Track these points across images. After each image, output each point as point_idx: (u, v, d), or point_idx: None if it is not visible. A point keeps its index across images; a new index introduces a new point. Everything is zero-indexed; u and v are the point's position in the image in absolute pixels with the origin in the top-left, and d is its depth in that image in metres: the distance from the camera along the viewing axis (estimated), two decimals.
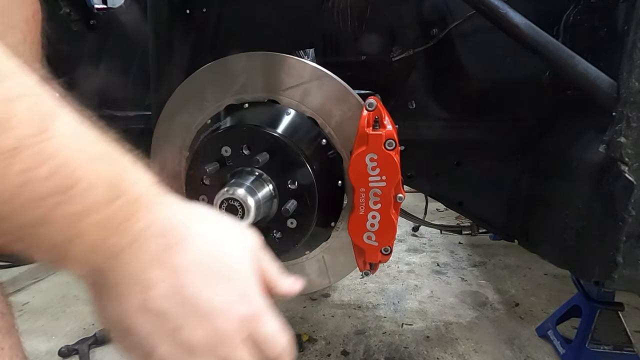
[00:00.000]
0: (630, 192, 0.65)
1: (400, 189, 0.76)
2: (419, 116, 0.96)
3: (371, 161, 0.72)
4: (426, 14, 0.89)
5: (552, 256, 0.87)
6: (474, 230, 1.40)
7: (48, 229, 0.27)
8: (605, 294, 1.29)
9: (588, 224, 0.74)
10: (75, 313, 1.82)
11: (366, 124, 0.72)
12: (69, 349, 1.48)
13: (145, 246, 0.31)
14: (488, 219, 1.03)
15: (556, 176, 0.84)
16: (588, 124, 0.78)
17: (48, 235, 0.27)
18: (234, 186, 0.64)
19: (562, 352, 1.35)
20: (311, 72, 0.77)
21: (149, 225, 0.31)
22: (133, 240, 0.30)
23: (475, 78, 0.92)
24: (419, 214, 1.45)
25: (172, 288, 0.31)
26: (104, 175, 0.28)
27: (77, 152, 0.27)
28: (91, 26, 1.07)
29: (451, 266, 2.17)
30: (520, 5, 0.71)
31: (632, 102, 0.64)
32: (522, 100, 0.91)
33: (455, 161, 0.99)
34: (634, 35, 0.64)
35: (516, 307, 1.72)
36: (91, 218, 0.28)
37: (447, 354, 1.42)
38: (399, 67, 0.92)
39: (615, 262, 0.68)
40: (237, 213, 0.63)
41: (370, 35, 0.91)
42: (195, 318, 0.32)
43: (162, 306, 0.31)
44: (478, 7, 0.72)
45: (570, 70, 0.68)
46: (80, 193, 0.27)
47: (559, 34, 0.81)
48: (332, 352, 1.45)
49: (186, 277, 0.32)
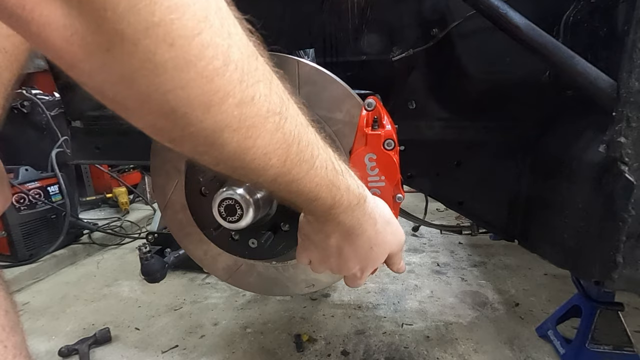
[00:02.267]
0: (630, 192, 0.65)
1: (399, 189, 0.75)
2: (419, 116, 0.96)
3: (370, 161, 0.72)
4: (426, 14, 0.89)
5: (552, 256, 0.87)
6: (474, 230, 1.40)
7: (300, 204, 0.50)
8: (605, 294, 1.29)
9: (588, 224, 0.74)
10: (75, 313, 1.82)
11: (365, 124, 0.72)
12: (69, 349, 1.49)
13: (337, 229, 0.56)
14: (488, 219, 1.03)
15: (556, 176, 0.84)
16: (588, 124, 0.78)
17: (300, 206, 0.51)
18: (233, 186, 0.65)
19: (562, 352, 1.35)
20: (311, 73, 0.77)
21: (344, 223, 0.55)
22: (334, 225, 0.55)
23: (475, 78, 0.92)
24: (419, 214, 1.45)
25: (337, 247, 0.59)
26: (331, 195, 0.49)
27: (321, 179, 0.46)
28: None
29: (451, 266, 2.17)
30: (520, 5, 0.71)
31: (632, 102, 0.65)
32: (522, 100, 0.91)
33: (455, 161, 0.99)
34: (634, 35, 0.64)
35: (516, 307, 1.72)
36: (319, 209, 0.51)
37: (447, 354, 1.42)
38: (399, 67, 0.92)
39: (615, 262, 0.68)
40: (236, 212, 0.63)
41: (370, 35, 0.91)
42: (335, 260, 0.61)
43: (328, 249, 0.60)
44: (478, 7, 0.72)
45: (570, 70, 0.68)
46: (318, 202, 0.48)
47: (559, 34, 0.81)
48: (332, 352, 1.45)
49: (345, 250, 0.59)
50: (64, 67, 0.28)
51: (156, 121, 0.32)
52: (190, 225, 0.79)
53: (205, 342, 1.56)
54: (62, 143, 2.51)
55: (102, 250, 2.60)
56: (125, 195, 3.18)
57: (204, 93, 0.30)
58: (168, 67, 0.28)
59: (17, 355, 0.46)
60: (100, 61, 0.27)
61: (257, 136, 0.36)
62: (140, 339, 1.60)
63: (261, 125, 0.36)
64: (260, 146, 0.37)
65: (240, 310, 1.79)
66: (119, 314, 1.79)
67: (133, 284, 2.09)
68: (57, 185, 2.39)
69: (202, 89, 0.30)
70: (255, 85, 0.34)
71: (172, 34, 0.27)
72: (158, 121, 0.32)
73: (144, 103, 0.30)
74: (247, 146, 0.36)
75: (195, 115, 0.31)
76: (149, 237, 1.93)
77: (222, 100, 0.31)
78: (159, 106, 0.30)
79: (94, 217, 2.99)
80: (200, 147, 0.35)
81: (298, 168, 0.42)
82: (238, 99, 0.32)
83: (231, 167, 0.38)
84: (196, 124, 0.32)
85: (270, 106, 0.36)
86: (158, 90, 0.29)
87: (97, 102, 0.31)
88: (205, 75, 0.30)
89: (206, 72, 0.30)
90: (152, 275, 1.24)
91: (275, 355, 1.46)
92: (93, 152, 1.20)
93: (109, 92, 0.29)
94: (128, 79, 0.28)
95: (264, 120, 0.36)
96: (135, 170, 3.43)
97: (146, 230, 2.72)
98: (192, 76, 0.29)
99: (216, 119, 0.32)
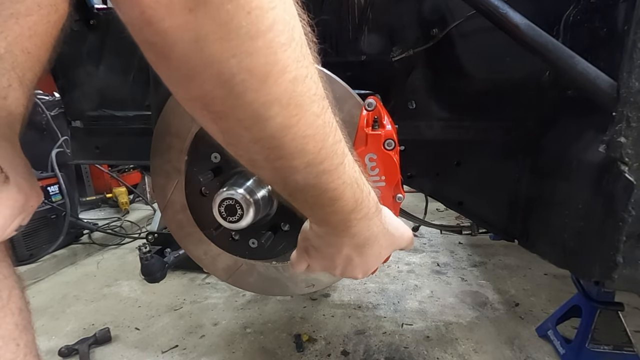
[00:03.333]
0: (630, 192, 0.65)
1: (399, 189, 0.75)
2: (419, 116, 0.96)
3: (370, 161, 0.72)
4: (426, 14, 0.89)
5: (552, 256, 0.86)
6: (474, 230, 1.40)
7: (318, 211, 0.49)
8: (605, 294, 1.29)
9: (588, 224, 0.74)
10: (75, 313, 1.82)
11: (365, 124, 0.72)
12: (69, 349, 1.49)
13: (352, 241, 0.54)
14: (488, 219, 1.03)
15: (556, 176, 0.84)
16: (588, 124, 0.77)
17: (315, 212, 0.50)
18: (233, 186, 0.65)
19: (562, 352, 1.35)
20: None
21: (361, 234, 0.54)
22: (349, 235, 0.53)
23: (475, 78, 0.92)
24: (419, 214, 1.45)
25: (346, 259, 0.58)
26: (355, 196, 0.48)
27: (348, 177, 0.46)
28: (91, 26, 1.07)
29: (451, 266, 2.17)
30: (520, 5, 0.71)
31: (632, 102, 0.64)
32: (522, 100, 0.91)
33: (455, 161, 0.99)
34: (634, 35, 0.64)
35: (516, 307, 1.72)
36: (337, 216, 0.49)
37: (447, 354, 1.42)
38: (399, 67, 0.92)
39: (615, 262, 0.68)
40: (236, 212, 0.63)
41: (370, 35, 0.91)
42: (341, 268, 0.60)
43: (337, 261, 0.58)
44: (478, 7, 0.72)
45: (570, 70, 0.68)
46: (339, 203, 0.47)
47: (559, 34, 0.81)
48: (332, 352, 1.45)
49: (354, 260, 0.58)
50: (138, 25, 0.29)
51: (212, 88, 0.33)
52: (190, 226, 0.79)
53: (205, 342, 1.56)
54: (62, 143, 2.51)
55: (102, 250, 2.60)
56: (125, 195, 3.18)
57: (266, 63, 0.32)
58: (241, 34, 0.30)
59: (27, 354, 0.47)
60: (181, 20, 0.28)
61: (302, 116, 0.37)
62: (140, 339, 1.60)
63: (307, 107, 0.37)
64: (302, 127, 0.38)
65: (240, 310, 1.79)
66: (119, 314, 1.79)
67: (133, 284, 2.09)
68: (57, 185, 2.39)
69: (266, 59, 0.32)
70: (309, 67, 0.36)
71: (251, 3, 0.29)
72: (214, 89, 0.33)
73: (207, 67, 0.31)
74: (290, 124, 0.37)
75: (252, 83, 0.33)
76: (149, 237, 1.93)
77: (279, 73, 0.33)
78: (220, 71, 0.31)
79: (94, 217, 2.99)
80: (245, 121, 0.36)
81: (330, 160, 0.42)
82: (293, 75, 0.34)
83: (268, 146, 0.38)
84: (251, 94, 0.33)
85: (317, 90, 0.38)
86: (225, 54, 0.31)
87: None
88: (272, 46, 0.32)
89: (273, 44, 0.32)
90: (152, 275, 1.24)
91: (275, 355, 1.46)
92: (93, 152, 1.20)
93: (177, 54, 0.30)
94: (202, 41, 0.29)
95: (310, 102, 0.37)
96: (135, 170, 3.43)
97: (146, 230, 2.72)
98: (259, 45, 0.31)
99: (270, 90, 0.34)
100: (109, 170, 3.21)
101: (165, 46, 0.30)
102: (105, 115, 1.15)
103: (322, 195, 0.45)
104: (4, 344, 0.44)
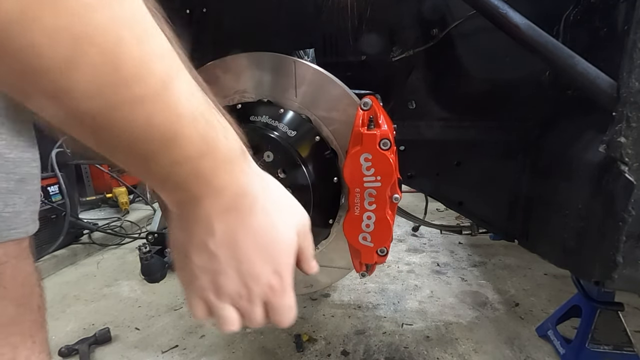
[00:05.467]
0: (630, 192, 0.65)
1: (396, 189, 0.74)
2: (419, 116, 0.96)
3: (366, 161, 0.71)
4: (426, 14, 0.89)
5: (552, 256, 0.87)
6: (474, 230, 1.40)
7: (155, 166, 0.33)
8: (605, 294, 1.29)
9: (588, 224, 0.74)
10: (75, 313, 1.82)
11: (361, 124, 0.71)
12: (69, 349, 1.48)
13: (220, 201, 0.37)
14: (488, 219, 1.03)
15: (556, 176, 0.84)
16: (588, 124, 0.78)
17: (153, 170, 0.34)
18: None
19: (562, 352, 1.35)
20: (309, 73, 0.77)
21: (227, 187, 0.37)
22: (212, 193, 0.37)
23: (475, 78, 0.92)
24: (419, 214, 1.45)
25: (228, 241, 0.39)
26: (201, 134, 0.34)
27: (186, 109, 0.32)
28: None
29: (451, 266, 2.17)
30: (520, 5, 0.71)
31: (632, 102, 0.64)
32: (522, 100, 0.91)
33: (455, 161, 0.99)
34: (634, 35, 0.64)
35: (516, 307, 1.72)
36: (184, 168, 0.34)
37: (447, 354, 1.42)
38: (399, 67, 0.92)
39: (615, 262, 0.68)
40: None
41: (370, 35, 0.91)
42: (234, 271, 0.40)
43: (216, 250, 0.39)
44: (478, 7, 0.72)
45: (570, 70, 0.68)
46: (179, 145, 0.33)
47: (559, 34, 0.81)
48: (332, 352, 1.45)
49: (240, 241, 0.39)
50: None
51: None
52: None
53: (205, 342, 1.56)
54: (62, 143, 2.51)
55: (102, 250, 2.60)
56: (125, 195, 3.18)
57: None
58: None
59: (42, 351, 0.47)
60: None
61: None
62: (140, 339, 1.60)
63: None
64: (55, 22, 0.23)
65: None
66: (119, 314, 1.79)
67: (133, 284, 2.09)
68: (57, 185, 2.39)
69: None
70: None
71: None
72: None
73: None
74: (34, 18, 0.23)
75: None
76: (149, 237, 1.93)
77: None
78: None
79: (94, 217, 2.99)
80: None
81: (143, 84, 0.29)
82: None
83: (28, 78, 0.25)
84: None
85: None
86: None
87: None
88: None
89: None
90: (152, 275, 1.24)
91: (275, 355, 1.46)
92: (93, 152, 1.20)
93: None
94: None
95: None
96: None
97: (146, 230, 2.72)
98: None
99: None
100: (109, 170, 3.21)
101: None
102: None
103: (147, 139, 0.31)
104: (22, 340, 0.44)
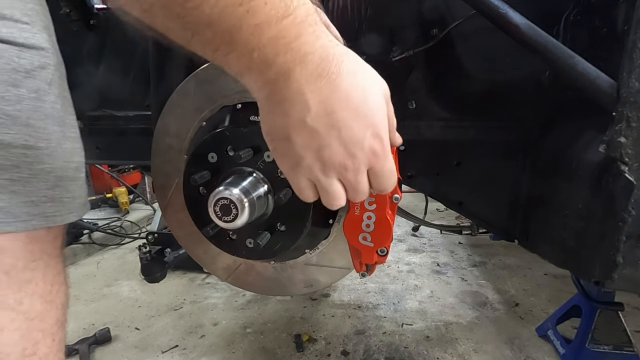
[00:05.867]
0: (630, 192, 0.65)
1: (396, 189, 0.75)
2: (419, 116, 0.96)
3: None
4: (426, 14, 0.89)
5: (552, 256, 0.86)
6: (474, 230, 1.40)
7: (240, 36, 0.33)
8: (605, 294, 1.29)
9: (588, 224, 0.74)
10: (75, 313, 1.82)
11: None
12: (69, 349, 1.49)
13: (308, 69, 0.36)
14: (488, 219, 1.03)
15: (556, 176, 0.84)
16: (588, 124, 0.77)
17: (239, 44, 0.34)
18: (228, 186, 0.65)
19: (562, 352, 1.35)
20: None
21: (312, 51, 0.36)
22: (299, 61, 0.36)
23: (475, 78, 0.92)
24: (419, 214, 1.45)
25: (324, 111, 0.38)
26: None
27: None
28: (91, 26, 1.08)
29: (451, 266, 2.17)
30: (520, 5, 0.71)
31: (632, 102, 0.64)
32: (522, 100, 0.90)
33: (455, 161, 0.99)
34: (634, 35, 0.64)
35: (516, 307, 1.72)
36: (267, 32, 0.34)
37: (447, 354, 1.42)
38: (399, 67, 0.92)
39: (615, 262, 0.68)
40: (231, 212, 0.63)
41: (370, 35, 0.91)
42: (337, 142, 0.39)
43: (314, 125, 0.38)
44: (478, 7, 0.72)
45: (570, 70, 0.68)
46: (261, 4, 0.33)
47: (559, 34, 0.81)
48: (332, 352, 1.45)
49: (335, 107, 0.38)
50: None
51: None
52: (190, 225, 0.79)
53: (205, 342, 1.56)
54: None
55: (102, 250, 2.61)
56: (125, 195, 3.18)
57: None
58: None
59: (59, 350, 0.48)
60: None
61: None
62: (140, 339, 1.60)
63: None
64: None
65: (240, 310, 1.79)
66: (119, 314, 1.79)
67: (133, 284, 2.09)
68: None
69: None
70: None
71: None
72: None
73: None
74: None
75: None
76: (149, 237, 1.93)
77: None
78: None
79: (94, 217, 2.99)
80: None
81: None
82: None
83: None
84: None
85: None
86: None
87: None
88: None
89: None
90: (152, 275, 1.24)
91: (275, 355, 1.46)
92: (94, 152, 1.20)
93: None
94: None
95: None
96: (135, 170, 3.43)
97: (146, 230, 2.72)
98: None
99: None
100: (109, 170, 3.21)
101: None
102: (106, 115, 1.15)
103: (236, 2, 0.32)
104: (43, 337, 0.45)
